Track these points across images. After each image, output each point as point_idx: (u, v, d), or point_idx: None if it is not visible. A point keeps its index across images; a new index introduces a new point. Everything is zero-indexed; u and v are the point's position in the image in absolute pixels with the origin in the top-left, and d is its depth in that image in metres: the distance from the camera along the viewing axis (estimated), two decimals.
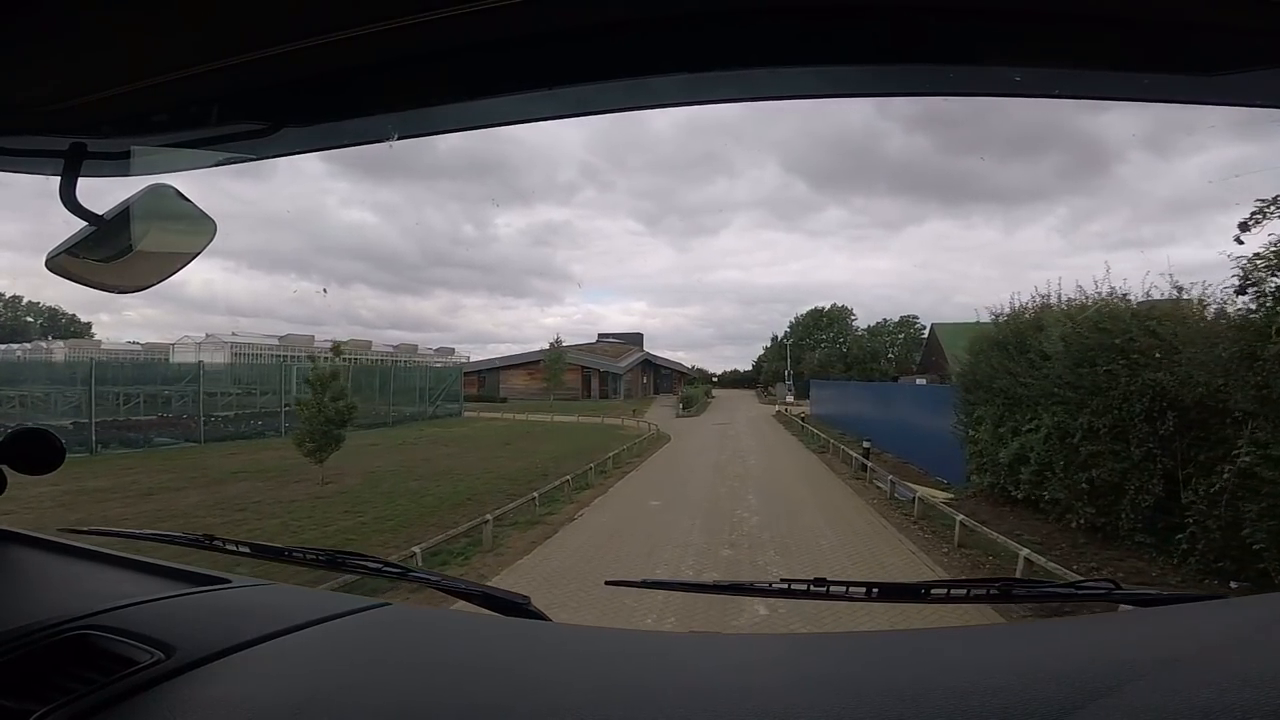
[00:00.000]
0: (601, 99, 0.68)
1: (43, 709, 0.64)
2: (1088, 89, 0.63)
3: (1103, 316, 7.45)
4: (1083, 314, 7.91)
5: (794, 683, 0.67)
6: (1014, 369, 8.82)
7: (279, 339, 41.72)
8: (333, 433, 11.01)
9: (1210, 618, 0.83)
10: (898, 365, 48.76)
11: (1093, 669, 0.59)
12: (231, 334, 39.89)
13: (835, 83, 0.64)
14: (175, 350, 36.15)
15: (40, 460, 1.05)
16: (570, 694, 0.67)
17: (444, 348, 54.03)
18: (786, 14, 0.56)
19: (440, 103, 0.70)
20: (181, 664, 0.73)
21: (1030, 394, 8.36)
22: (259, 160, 0.84)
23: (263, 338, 41.12)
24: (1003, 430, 9.03)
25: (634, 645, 0.90)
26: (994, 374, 9.33)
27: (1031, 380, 8.32)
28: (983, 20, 0.55)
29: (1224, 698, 0.51)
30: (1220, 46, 0.53)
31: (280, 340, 41.54)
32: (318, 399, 10.93)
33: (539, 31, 0.58)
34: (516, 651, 0.83)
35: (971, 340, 10.73)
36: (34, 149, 0.80)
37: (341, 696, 0.69)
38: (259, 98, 0.70)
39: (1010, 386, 8.89)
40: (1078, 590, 0.99)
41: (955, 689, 0.58)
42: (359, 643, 0.87)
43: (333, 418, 10.98)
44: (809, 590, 0.95)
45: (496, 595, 1.02)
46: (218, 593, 0.98)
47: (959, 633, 0.89)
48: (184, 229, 0.87)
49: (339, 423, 11.09)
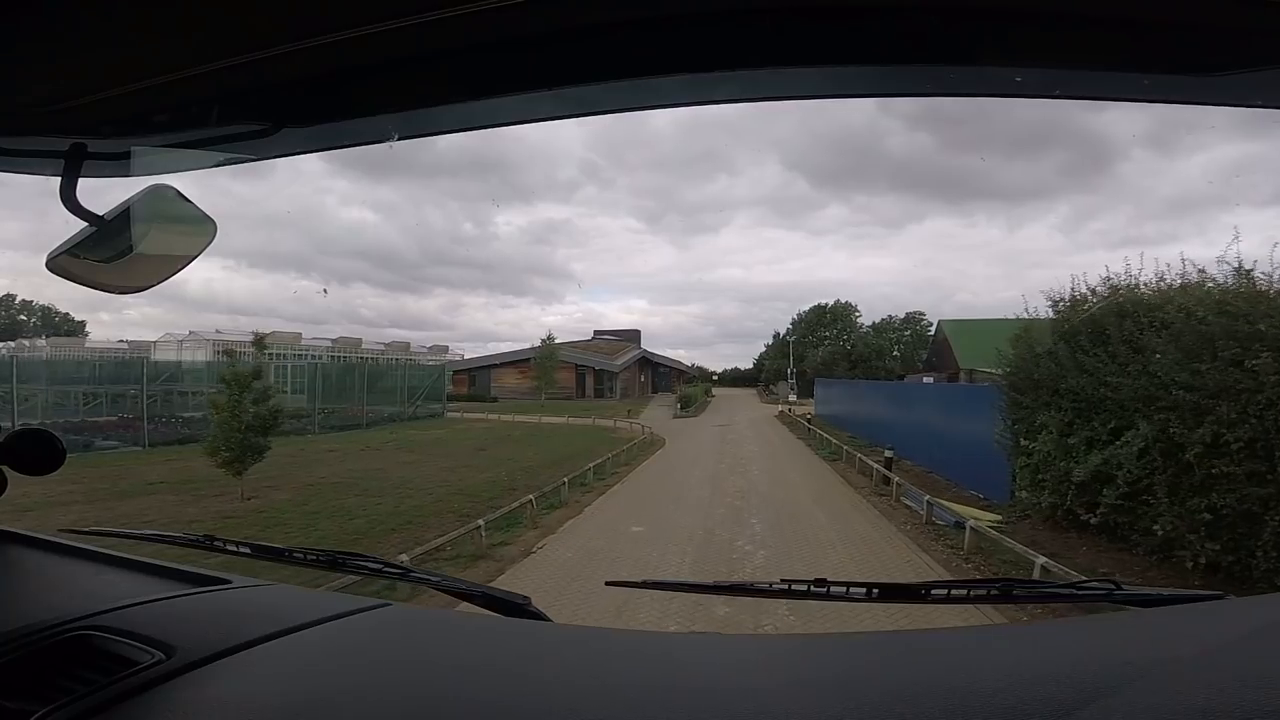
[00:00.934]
0: (603, 99, 0.67)
1: (43, 709, 0.64)
2: (1088, 90, 0.63)
3: (1232, 297, 5.59)
4: (1200, 293, 6.05)
5: (794, 683, 0.67)
6: (1092, 365, 6.96)
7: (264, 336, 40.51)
8: (252, 441, 9.16)
9: (1210, 618, 0.84)
10: (903, 363, 47.04)
11: (1093, 669, 0.60)
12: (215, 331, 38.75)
13: (837, 83, 0.64)
14: (157, 348, 34.84)
15: (40, 460, 1.04)
16: (571, 694, 0.67)
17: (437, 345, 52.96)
18: (789, 14, 0.55)
19: (441, 103, 0.69)
20: (182, 664, 0.73)
21: (1118, 397, 6.50)
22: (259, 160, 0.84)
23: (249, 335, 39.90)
24: (1073, 441, 7.17)
25: (634, 646, 0.91)
26: (1060, 372, 7.47)
27: (1121, 380, 6.46)
28: (984, 21, 0.55)
29: (1224, 698, 0.51)
30: (1220, 46, 0.53)
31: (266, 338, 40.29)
32: (232, 402, 9.09)
33: (540, 31, 0.57)
34: (517, 652, 0.83)
35: (1022, 332, 8.87)
36: (34, 149, 0.80)
37: (342, 697, 0.70)
38: (259, 98, 0.69)
39: (1085, 387, 7.03)
40: (1078, 590, 0.98)
41: (955, 689, 0.59)
42: (359, 643, 0.87)
43: (253, 424, 9.13)
44: (809, 591, 0.94)
45: (497, 596, 1.02)
46: (218, 593, 0.98)
47: (959, 633, 0.88)
48: (184, 230, 0.87)
49: (260, 429, 9.24)
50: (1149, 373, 6.06)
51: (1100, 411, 6.86)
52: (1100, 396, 6.81)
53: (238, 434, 9.08)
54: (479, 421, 24.79)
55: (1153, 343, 6.11)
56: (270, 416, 9.38)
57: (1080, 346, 7.28)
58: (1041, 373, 7.83)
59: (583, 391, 41.44)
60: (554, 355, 35.43)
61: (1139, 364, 6.25)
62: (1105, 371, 6.74)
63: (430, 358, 45.02)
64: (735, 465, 14.07)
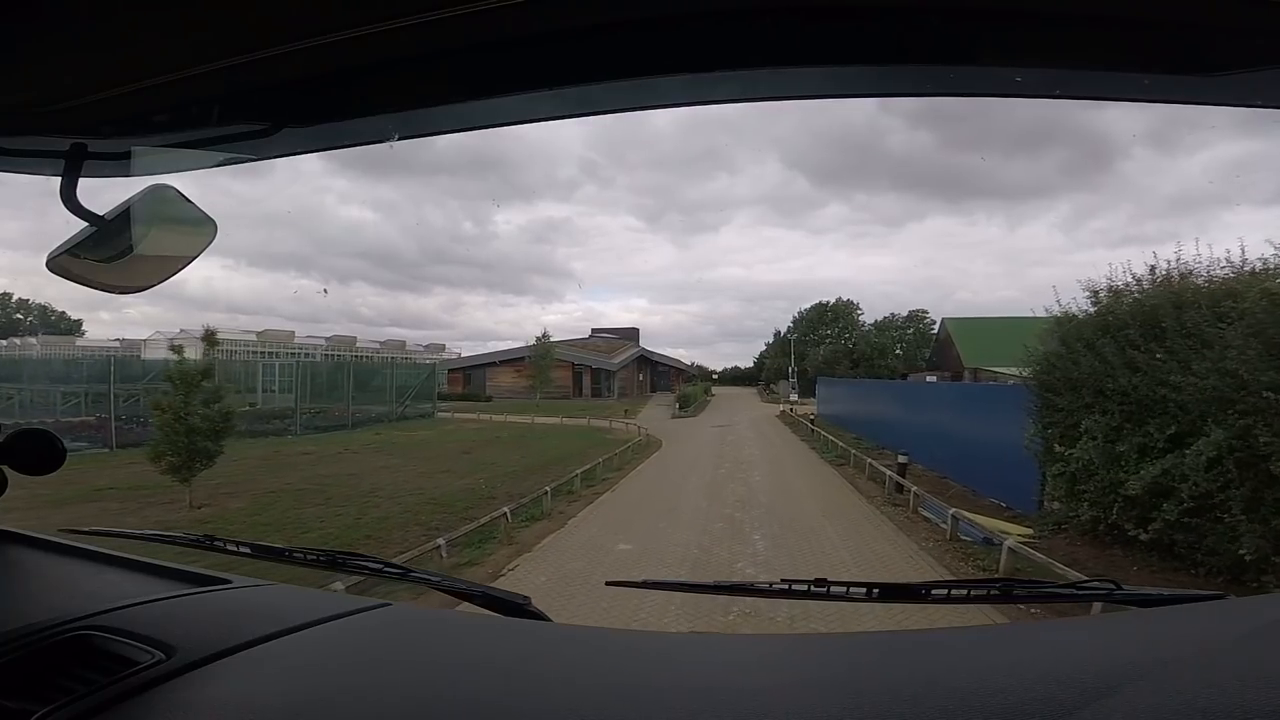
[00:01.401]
0: (603, 99, 0.67)
1: (43, 709, 0.64)
2: (1088, 89, 0.63)
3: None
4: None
5: (794, 683, 0.67)
6: (1146, 363, 6.06)
7: (257, 334, 40.16)
8: (200, 445, 8.26)
9: (1210, 618, 0.84)
10: (906, 362, 46.17)
11: (1093, 669, 0.60)
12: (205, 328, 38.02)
13: (838, 83, 0.64)
14: (147, 347, 34.07)
15: (40, 460, 1.04)
16: (571, 694, 0.67)
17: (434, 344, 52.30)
18: (789, 14, 0.55)
19: (441, 103, 0.69)
20: (182, 664, 0.73)
21: (1180, 398, 5.60)
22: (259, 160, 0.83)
23: (240, 333, 39.81)
24: (1122, 449, 6.26)
25: (634, 645, 0.91)
26: (1105, 370, 6.57)
27: (1184, 379, 5.55)
28: (984, 21, 0.55)
29: (1224, 698, 0.51)
30: (1220, 46, 0.53)
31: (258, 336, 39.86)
32: (177, 403, 8.19)
33: (540, 31, 0.57)
34: (517, 652, 0.83)
35: (1054, 327, 7.96)
36: (34, 149, 0.80)
37: (342, 697, 0.70)
38: (259, 98, 0.69)
39: (1138, 387, 6.12)
40: (1078, 590, 1.00)
41: (955, 689, 0.59)
42: (360, 643, 0.86)
43: (199, 426, 8.22)
44: (809, 590, 0.94)
45: (497, 596, 1.02)
46: (218, 593, 0.98)
47: (959, 633, 0.88)
48: (184, 230, 0.87)
49: (210, 433, 8.33)
50: (1223, 370, 5.16)
51: (1156, 415, 5.96)
52: (1157, 398, 5.91)
53: (183, 438, 8.19)
54: (469, 422, 23.86)
55: (1227, 336, 5.20)
56: (221, 419, 8.47)
57: (1130, 342, 6.37)
58: (1082, 371, 6.92)
59: (579, 391, 40.42)
60: (549, 354, 34.45)
61: (1208, 361, 5.34)
62: (1164, 370, 5.83)
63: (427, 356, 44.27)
64: (735, 470, 13.10)
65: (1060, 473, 7.31)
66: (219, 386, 8.76)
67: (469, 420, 24.54)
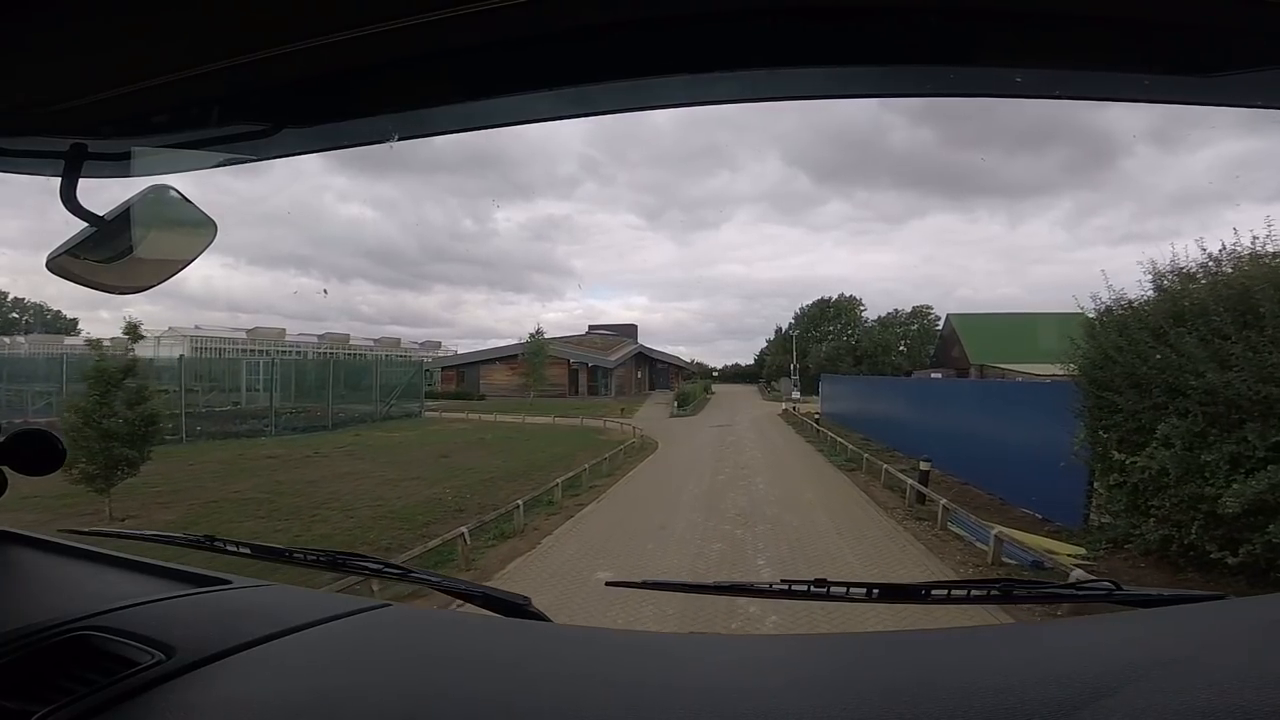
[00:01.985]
0: (603, 99, 0.68)
1: (43, 710, 0.64)
2: (1089, 90, 0.63)
3: None
4: None
5: (794, 683, 0.67)
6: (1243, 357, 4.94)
7: (246, 332, 39.17)
8: (117, 452, 7.15)
9: (1210, 618, 0.84)
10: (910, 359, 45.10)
11: (1093, 669, 0.60)
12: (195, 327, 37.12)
13: (838, 83, 0.64)
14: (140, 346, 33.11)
15: (40, 460, 1.04)
16: (570, 694, 0.68)
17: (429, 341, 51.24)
18: (789, 14, 0.55)
19: (441, 103, 0.70)
20: (182, 665, 0.73)
21: None
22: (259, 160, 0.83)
23: (230, 331, 39.14)
24: (1209, 458, 5.15)
25: (634, 646, 0.92)
26: (1183, 365, 5.45)
27: None
28: (985, 21, 0.55)
29: (1224, 698, 0.51)
30: (1221, 47, 0.53)
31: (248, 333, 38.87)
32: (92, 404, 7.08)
33: (540, 31, 0.57)
34: (517, 652, 0.84)
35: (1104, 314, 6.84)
36: (34, 149, 0.80)
37: (342, 697, 0.70)
38: (259, 98, 0.69)
39: (1231, 385, 5.01)
40: (1078, 591, 1.00)
41: (956, 689, 0.59)
42: (360, 643, 0.87)
43: (117, 431, 7.11)
44: (809, 591, 0.94)
45: (497, 596, 1.02)
46: (218, 593, 0.98)
47: (959, 634, 0.87)
48: (184, 230, 0.87)
49: (129, 438, 7.22)
50: None
51: (1256, 418, 4.85)
52: (1258, 398, 4.80)
53: (98, 443, 7.08)
54: (457, 422, 22.76)
55: None
56: (143, 422, 7.36)
57: (1217, 331, 5.26)
58: (1152, 367, 5.80)
59: (575, 389, 39.22)
60: (544, 350, 33.35)
61: None
62: (1269, 365, 4.72)
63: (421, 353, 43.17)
64: (736, 477, 11.94)
65: (1119, 483, 6.22)
66: (143, 386, 7.65)
67: (456, 420, 23.45)
